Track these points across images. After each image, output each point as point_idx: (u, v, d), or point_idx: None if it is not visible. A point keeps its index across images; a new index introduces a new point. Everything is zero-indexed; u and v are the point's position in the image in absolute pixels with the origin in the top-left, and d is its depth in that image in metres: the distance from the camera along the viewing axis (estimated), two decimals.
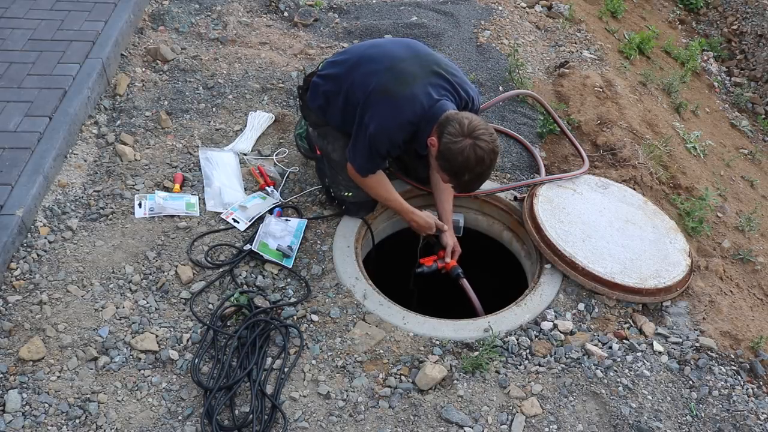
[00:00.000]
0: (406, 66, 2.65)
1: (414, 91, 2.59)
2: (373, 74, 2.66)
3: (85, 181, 3.14)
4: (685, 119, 4.41)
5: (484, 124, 2.48)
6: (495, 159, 2.49)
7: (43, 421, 2.27)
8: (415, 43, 2.86)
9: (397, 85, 2.60)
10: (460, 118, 2.48)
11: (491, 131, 2.48)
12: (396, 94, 2.59)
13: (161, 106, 3.59)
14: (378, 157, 2.75)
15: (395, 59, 2.69)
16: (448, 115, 2.53)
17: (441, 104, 2.60)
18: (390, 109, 2.61)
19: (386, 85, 2.62)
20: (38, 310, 2.59)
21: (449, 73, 2.70)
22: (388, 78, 2.63)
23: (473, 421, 2.34)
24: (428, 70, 2.65)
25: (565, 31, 4.63)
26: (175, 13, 4.28)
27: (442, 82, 2.66)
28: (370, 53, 2.78)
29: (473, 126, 2.44)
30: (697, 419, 2.40)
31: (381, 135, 2.64)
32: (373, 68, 2.69)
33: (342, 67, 2.81)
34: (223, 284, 2.76)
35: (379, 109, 2.62)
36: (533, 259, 3.04)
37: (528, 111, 3.82)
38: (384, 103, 2.61)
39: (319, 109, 2.90)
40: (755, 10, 5.86)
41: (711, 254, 3.19)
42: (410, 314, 2.70)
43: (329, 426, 2.32)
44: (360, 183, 2.88)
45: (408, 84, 2.60)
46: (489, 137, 2.45)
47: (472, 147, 2.43)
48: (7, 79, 3.45)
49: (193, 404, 2.36)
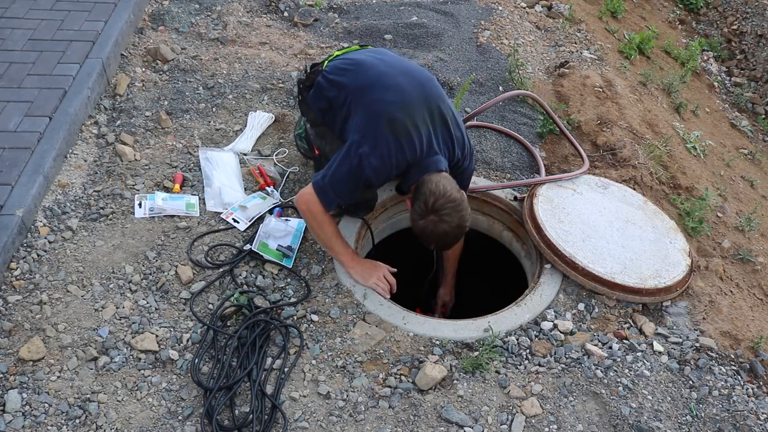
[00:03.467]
0: (416, 107, 2.60)
1: (419, 132, 2.57)
2: (382, 105, 2.59)
3: (85, 181, 3.14)
4: (685, 119, 4.41)
5: (452, 200, 2.49)
6: (462, 231, 2.57)
7: (43, 421, 2.27)
8: (427, 79, 2.76)
9: (404, 119, 2.56)
10: (429, 192, 2.50)
11: (459, 207, 2.50)
12: (400, 130, 2.55)
13: (161, 106, 3.59)
14: (354, 189, 2.65)
15: (406, 96, 2.62)
16: (424, 182, 2.54)
17: (434, 160, 2.60)
18: (394, 146, 2.55)
19: (393, 118, 2.56)
20: (38, 310, 2.59)
21: (454, 125, 2.69)
22: (396, 111, 2.57)
23: (473, 421, 2.34)
24: (437, 119, 2.63)
25: (565, 31, 4.63)
26: (175, 13, 4.28)
27: (445, 135, 2.65)
28: (384, 82, 2.67)
29: (439, 205, 2.48)
30: (697, 419, 2.40)
31: (379, 171, 2.57)
32: (383, 99, 2.61)
33: (350, 79, 2.73)
34: (223, 284, 2.76)
35: (382, 142, 2.55)
36: (533, 259, 3.04)
37: (528, 111, 3.82)
38: (389, 138, 2.55)
39: (320, 111, 2.86)
40: (755, 10, 5.86)
41: (711, 254, 3.19)
42: (410, 314, 2.70)
43: (329, 426, 2.32)
44: (309, 215, 2.70)
45: (415, 124, 2.57)
46: (455, 214, 2.49)
47: (434, 224, 2.50)
48: (7, 79, 3.45)
49: (193, 404, 2.36)
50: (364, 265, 2.79)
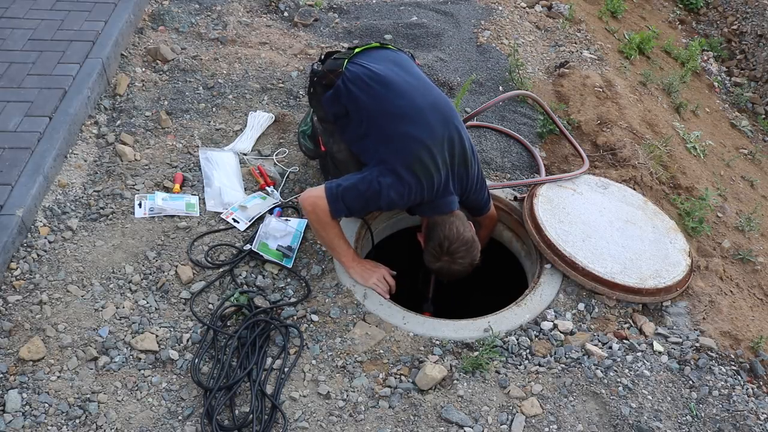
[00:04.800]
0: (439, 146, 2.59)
1: (439, 177, 2.60)
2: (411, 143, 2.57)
3: (85, 181, 3.14)
4: (685, 119, 4.41)
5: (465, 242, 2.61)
6: (472, 268, 2.68)
7: (43, 421, 2.27)
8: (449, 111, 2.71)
9: (426, 166, 2.56)
10: (444, 237, 2.60)
11: (471, 248, 2.63)
12: (422, 173, 2.56)
13: (161, 106, 3.60)
14: (364, 208, 2.70)
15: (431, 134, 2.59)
16: (438, 223, 2.65)
17: (448, 201, 2.68)
18: (414, 186, 2.57)
19: (418, 162, 2.55)
20: (38, 310, 2.59)
21: (472, 162, 2.72)
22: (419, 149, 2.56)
23: (473, 421, 2.34)
24: (457, 158, 2.65)
25: (565, 31, 4.63)
26: (175, 13, 4.28)
27: (462, 174, 2.70)
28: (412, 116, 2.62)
29: (453, 248, 2.60)
30: (697, 419, 2.40)
31: (396, 199, 2.59)
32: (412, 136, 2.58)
33: (374, 100, 2.65)
34: (223, 284, 2.76)
35: (404, 181, 2.56)
36: (533, 259, 3.04)
37: (528, 111, 3.82)
38: (411, 179, 2.56)
39: (334, 115, 2.78)
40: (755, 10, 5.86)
41: (711, 254, 3.19)
42: (410, 314, 2.70)
43: (329, 426, 2.32)
44: (313, 216, 2.67)
45: (436, 169, 2.58)
46: (468, 256, 2.63)
47: (449, 264, 2.64)
48: (7, 79, 3.45)
49: (193, 404, 2.36)
50: (364, 266, 2.79)
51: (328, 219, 2.64)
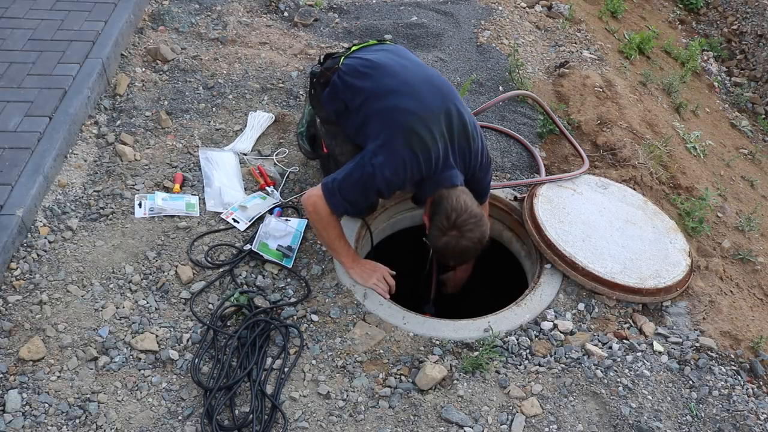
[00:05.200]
0: (435, 119, 2.52)
1: (436, 149, 2.50)
2: (400, 115, 2.52)
3: (85, 181, 3.14)
4: (685, 119, 4.41)
5: (474, 215, 2.45)
6: (482, 244, 2.50)
7: (43, 421, 2.27)
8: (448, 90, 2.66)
9: (420, 130, 2.49)
10: (451, 208, 2.44)
11: (481, 222, 2.46)
12: (417, 145, 2.49)
13: (161, 106, 3.59)
14: (363, 198, 2.60)
15: (426, 108, 2.53)
16: (443, 197, 2.49)
17: (449, 175, 2.55)
18: (408, 158, 2.49)
19: (412, 134, 2.49)
20: (38, 310, 2.59)
21: (474, 137, 2.62)
22: (413, 121, 2.50)
23: (473, 421, 2.34)
24: (456, 131, 2.56)
25: (565, 31, 4.63)
26: (175, 13, 4.28)
27: (463, 147, 2.59)
28: (401, 90, 2.58)
29: (462, 220, 2.43)
30: (697, 419, 2.40)
31: (391, 183, 2.52)
32: (402, 108, 2.53)
33: (368, 84, 2.63)
34: (223, 284, 2.76)
35: (397, 153, 2.49)
36: (533, 259, 3.04)
37: (528, 111, 3.82)
38: (404, 150, 2.49)
39: (335, 112, 2.76)
40: (755, 10, 5.86)
41: (711, 254, 3.19)
42: (410, 314, 2.70)
43: (329, 426, 2.32)
44: (315, 216, 2.65)
45: (432, 140, 2.49)
46: (477, 230, 2.45)
47: (456, 240, 2.45)
48: (7, 79, 3.45)
49: (193, 404, 2.36)
50: (364, 267, 2.79)
51: (329, 217, 2.63)
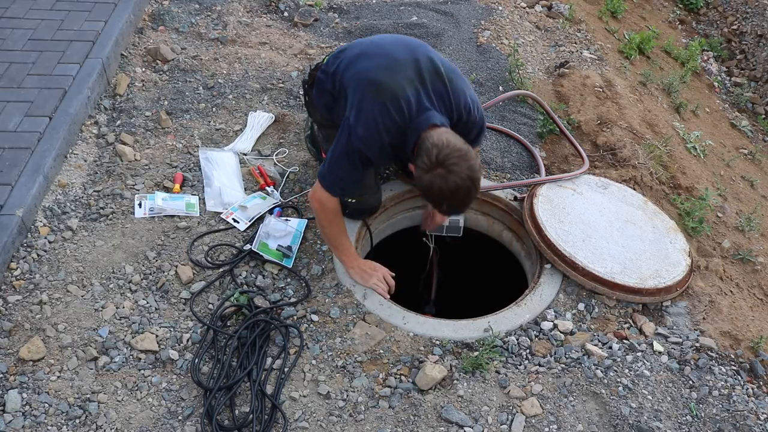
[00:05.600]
0: (402, 68, 2.49)
1: (406, 91, 2.43)
2: (366, 72, 2.52)
3: (85, 181, 3.14)
4: (685, 119, 4.41)
5: (458, 149, 2.30)
6: (474, 184, 2.34)
7: (43, 421, 2.27)
8: (418, 45, 2.63)
9: (388, 81, 2.45)
10: (432, 145, 2.31)
11: (466, 156, 2.30)
12: (384, 92, 2.43)
13: (161, 106, 3.59)
14: (352, 169, 2.52)
15: (392, 59, 2.53)
16: (424, 138, 2.37)
17: (427, 116, 2.44)
18: (378, 109, 2.42)
19: (376, 81, 2.46)
20: (38, 310, 2.59)
21: (452, 77, 2.53)
22: (380, 74, 2.48)
23: (473, 421, 2.34)
24: (424, 71, 2.50)
25: (565, 31, 4.63)
26: (175, 13, 4.28)
27: (439, 88, 2.50)
28: (369, 51, 2.59)
29: (444, 155, 2.28)
30: (697, 419, 2.40)
31: (368, 140, 2.45)
32: (368, 66, 2.54)
33: (341, 60, 2.65)
34: (223, 284, 2.76)
35: (367, 107, 2.45)
36: (533, 259, 3.04)
37: (528, 111, 3.82)
38: (373, 101, 2.44)
39: (326, 106, 2.76)
40: (755, 10, 5.86)
41: (711, 254, 3.19)
42: (410, 314, 2.70)
43: (329, 426, 2.32)
44: (321, 212, 2.64)
45: (398, 83, 2.43)
46: (463, 164, 2.28)
47: (443, 178, 2.29)
48: (7, 79, 3.45)
49: (193, 404, 2.36)
50: (364, 267, 2.79)
51: (334, 211, 2.63)
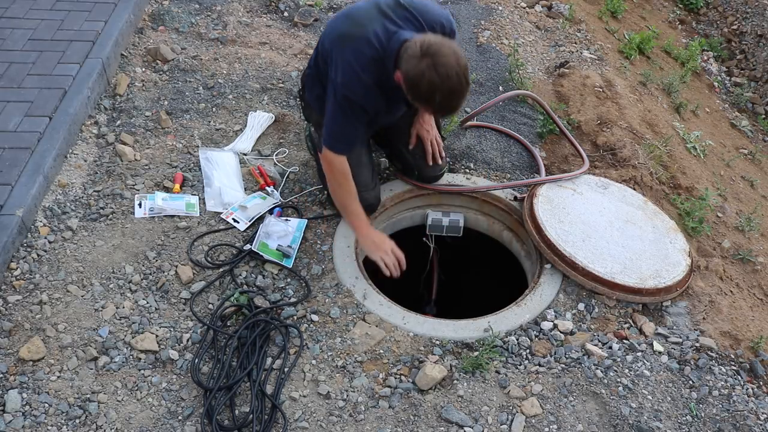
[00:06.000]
0: (365, 13, 2.54)
1: (371, 28, 2.47)
2: (335, 31, 2.60)
3: (85, 181, 3.15)
4: (685, 119, 4.41)
5: (442, 41, 2.32)
6: (464, 73, 2.30)
7: (43, 421, 2.27)
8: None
9: (352, 28, 2.52)
10: (415, 40, 2.34)
11: (453, 47, 2.31)
12: (352, 36, 2.49)
13: (161, 106, 3.60)
14: (348, 121, 2.57)
15: (354, 11, 2.60)
16: (405, 43, 2.39)
17: (398, 34, 2.46)
18: (350, 53, 2.48)
19: (343, 32, 2.54)
20: (38, 310, 2.59)
21: (410, 4, 2.54)
22: (345, 26, 2.56)
23: (473, 421, 2.34)
24: (386, 8, 2.53)
25: (565, 31, 4.63)
26: (175, 13, 4.28)
27: (401, 13, 2.52)
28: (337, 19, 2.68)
29: (429, 44, 2.29)
30: (697, 419, 2.40)
31: (350, 83, 2.48)
32: (335, 26, 2.63)
33: (320, 43, 2.73)
34: (223, 284, 2.76)
35: (341, 57, 2.50)
36: (533, 259, 3.04)
37: (528, 111, 3.82)
38: (344, 49, 2.51)
39: (318, 99, 2.79)
40: (755, 10, 5.86)
41: (711, 254, 3.19)
42: (410, 314, 2.70)
43: (329, 426, 2.32)
44: (330, 173, 2.71)
45: (363, 25, 2.49)
46: (450, 52, 2.28)
47: (432, 66, 2.27)
48: (7, 79, 3.45)
49: (193, 404, 2.36)
50: (375, 237, 2.78)
51: (341, 170, 2.66)
